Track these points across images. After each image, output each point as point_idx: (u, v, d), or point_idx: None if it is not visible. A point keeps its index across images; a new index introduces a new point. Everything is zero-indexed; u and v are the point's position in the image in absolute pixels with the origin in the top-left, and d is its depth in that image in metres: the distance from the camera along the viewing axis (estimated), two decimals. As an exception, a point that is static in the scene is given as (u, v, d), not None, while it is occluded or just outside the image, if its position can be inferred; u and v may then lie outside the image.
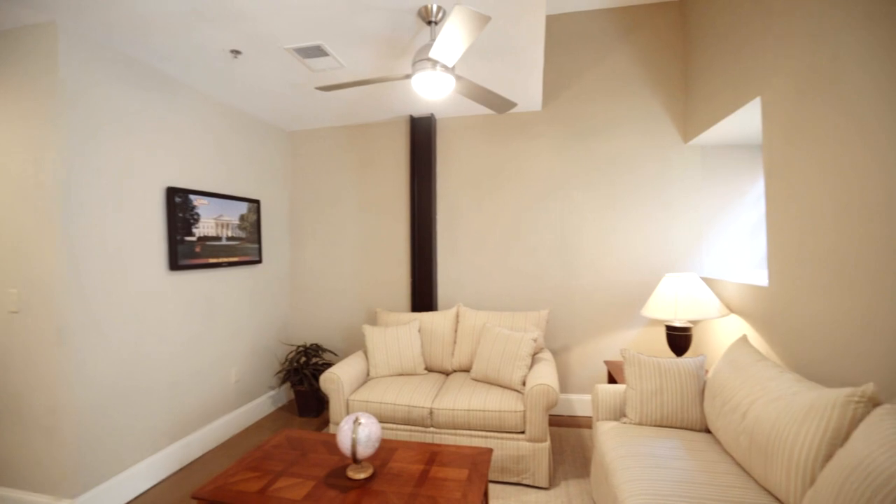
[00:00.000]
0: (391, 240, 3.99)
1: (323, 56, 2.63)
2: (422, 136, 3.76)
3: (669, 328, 2.90)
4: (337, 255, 4.13)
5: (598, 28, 3.55)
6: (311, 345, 3.87)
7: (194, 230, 3.00)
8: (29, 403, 2.31)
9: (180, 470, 2.89)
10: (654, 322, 3.49)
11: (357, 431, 1.79)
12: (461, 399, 2.72)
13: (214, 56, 2.63)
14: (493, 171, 3.79)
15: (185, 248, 2.92)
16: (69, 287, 2.27)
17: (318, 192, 4.18)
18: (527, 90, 3.25)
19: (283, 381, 3.72)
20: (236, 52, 2.59)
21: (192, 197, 2.98)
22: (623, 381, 2.78)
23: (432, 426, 2.74)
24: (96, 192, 2.42)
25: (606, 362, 3.20)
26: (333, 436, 2.26)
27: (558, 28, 3.61)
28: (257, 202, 3.67)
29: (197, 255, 3.02)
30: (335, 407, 2.86)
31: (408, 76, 2.14)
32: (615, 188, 3.55)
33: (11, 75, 2.30)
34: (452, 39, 1.74)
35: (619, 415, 2.38)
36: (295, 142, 4.25)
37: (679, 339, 2.87)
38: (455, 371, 3.32)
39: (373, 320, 4.03)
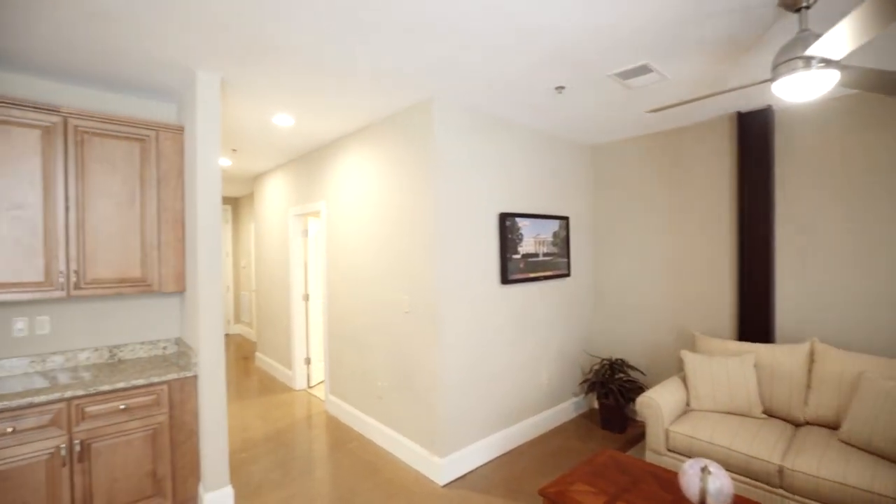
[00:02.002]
0: (707, 255, 3.53)
1: (646, 73, 2.56)
2: (754, 134, 3.17)
3: None
4: (641, 268, 3.96)
5: None
6: (617, 359, 3.85)
7: (519, 248, 3.44)
8: (418, 381, 3.15)
9: (501, 455, 3.36)
10: None
11: (707, 482, 1.66)
12: (829, 465, 2.16)
13: (540, 94, 2.93)
14: (874, 166, 2.84)
15: (512, 264, 3.38)
16: (440, 295, 2.97)
17: (621, 204, 4.11)
18: (946, 50, 2.29)
19: (588, 391, 3.83)
20: (560, 88, 2.82)
21: (517, 219, 3.43)
22: None
23: (781, 488, 2.28)
24: (454, 221, 3.07)
25: None
26: (663, 470, 2.17)
27: None
28: (566, 219, 3.91)
29: (521, 271, 3.45)
30: (653, 434, 2.75)
31: (767, 81, 1.83)
32: None
33: (411, 141, 3.17)
34: (858, 27, 1.38)
35: None
36: (596, 155, 4.31)
37: None
38: (808, 423, 2.67)
39: (687, 344, 3.67)
